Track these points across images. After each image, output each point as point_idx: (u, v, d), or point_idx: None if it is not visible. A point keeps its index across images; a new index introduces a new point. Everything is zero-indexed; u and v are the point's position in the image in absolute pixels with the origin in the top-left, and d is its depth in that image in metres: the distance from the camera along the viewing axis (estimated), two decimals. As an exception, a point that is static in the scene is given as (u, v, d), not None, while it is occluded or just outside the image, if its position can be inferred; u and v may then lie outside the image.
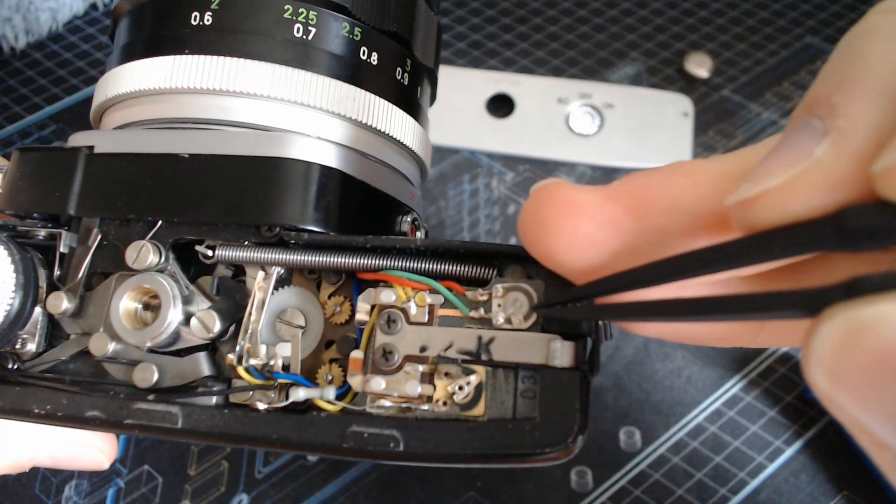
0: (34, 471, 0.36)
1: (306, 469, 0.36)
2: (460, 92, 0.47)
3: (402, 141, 0.28)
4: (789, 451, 0.36)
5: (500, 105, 0.47)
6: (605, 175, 0.45)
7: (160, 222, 0.24)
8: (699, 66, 0.49)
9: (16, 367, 0.25)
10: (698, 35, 0.51)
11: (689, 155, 0.45)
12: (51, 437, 0.27)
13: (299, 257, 0.23)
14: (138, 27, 0.27)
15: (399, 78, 0.28)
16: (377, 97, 0.27)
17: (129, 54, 0.27)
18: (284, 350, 0.23)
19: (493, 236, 0.42)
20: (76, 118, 0.47)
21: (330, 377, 0.23)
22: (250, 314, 0.23)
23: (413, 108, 0.28)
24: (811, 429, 0.37)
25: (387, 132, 0.27)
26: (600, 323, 0.21)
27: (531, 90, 0.47)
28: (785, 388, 0.38)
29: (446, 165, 0.45)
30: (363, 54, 0.27)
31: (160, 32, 0.26)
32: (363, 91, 0.26)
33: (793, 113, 0.16)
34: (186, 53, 0.25)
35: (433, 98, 0.32)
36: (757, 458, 0.36)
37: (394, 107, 0.27)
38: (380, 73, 0.27)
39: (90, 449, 0.28)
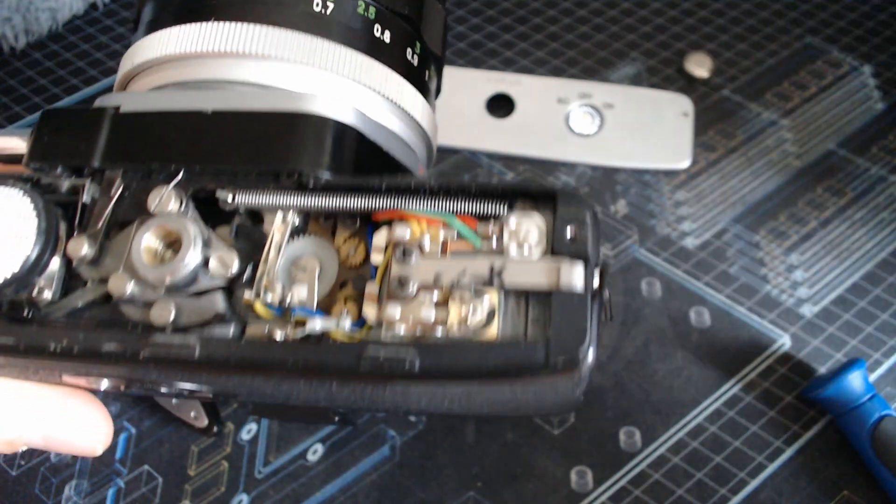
0: (34, 471, 0.36)
1: (306, 469, 0.36)
2: (460, 92, 0.47)
3: (412, 115, 0.29)
4: (789, 451, 0.36)
5: (500, 105, 0.47)
6: (605, 175, 0.45)
7: (182, 171, 0.25)
8: (699, 66, 0.49)
9: (31, 314, 0.25)
10: (698, 35, 0.51)
11: (689, 155, 0.45)
12: (44, 415, 0.27)
13: (317, 201, 0.24)
14: (164, 3, 0.28)
15: (409, 58, 0.29)
16: (391, 70, 0.28)
17: (156, 27, 0.28)
18: (300, 292, 0.24)
19: (493, 236, 0.42)
20: (76, 118, 0.47)
21: (346, 312, 0.24)
22: (268, 253, 0.24)
23: (423, 89, 0.30)
24: (811, 429, 0.37)
25: (399, 104, 0.28)
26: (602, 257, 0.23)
27: (531, 90, 0.47)
28: (785, 388, 0.38)
29: (446, 165, 0.45)
30: (377, 31, 0.28)
31: (187, 5, 0.27)
32: (378, 63, 0.28)
33: None
34: (213, 21, 0.27)
35: (438, 90, 0.32)
36: (757, 458, 0.36)
37: (406, 82, 0.28)
38: (392, 50, 0.28)
39: (85, 431, 0.28)
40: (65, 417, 0.27)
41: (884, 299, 0.40)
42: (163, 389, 0.26)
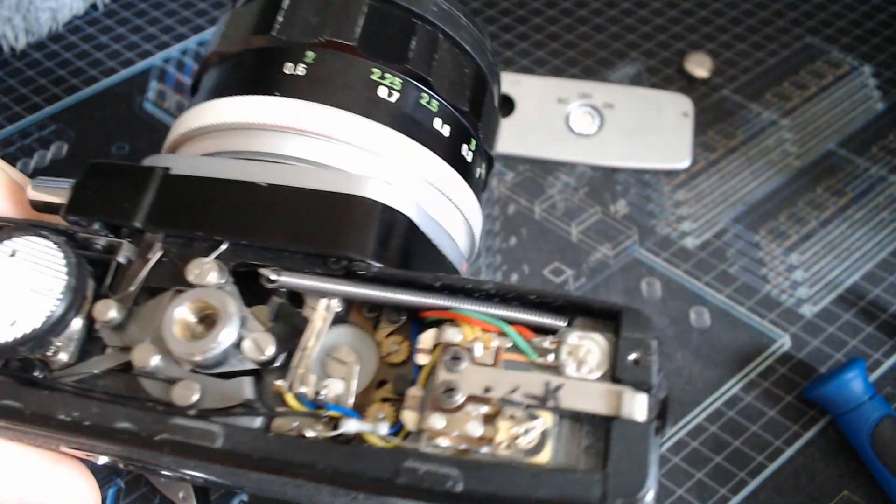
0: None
1: (306, 469, 0.36)
2: (460, 92, 0.47)
3: (462, 211, 0.29)
4: (789, 451, 0.36)
5: (500, 105, 0.47)
6: (604, 175, 0.45)
7: (225, 244, 0.23)
8: (699, 66, 0.49)
9: (43, 376, 0.23)
10: (698, 35, 0.51)
11: (689, 155, 0.45)
12: (26, 479, 0.25)
13: (364, 291, 0.23)
14: (230, 73, 0.28)
15: (464, 154, 0.29)
16: (447, 164, 0.28)
17: (217, 94, 0.28)
18: (336, 386, 0.22)
19: (493, 236, 0.42)
20: (76, 118, 0.47)
21: (382, 415, 0.22)
22: (306, 342, 0.23)
23: (473, 184, 0.30)
24: (811, 429, 0.37)
25: (451, 199, 0.28)
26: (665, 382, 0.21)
27: (531, 90, 0.47)
28: (785, 388, 0.38)
29: (446, 165, 0.45)
30: (437, 124, 0.28)
31: (252, 76, 0.27)
32: (435, 155, 0.28)
33: None
34: (276, 96, 0.26)
35: (485, 187, 0.33)
36: (757, 458, 0.36)
37: (460, 178, 0.28)
38: (449, 144, 0.28)
39: (70, 497, 0.25)
40: (48, 485, 0.25)
41: (884, 299, 0.40)
42: (166, 473, 0.24)
